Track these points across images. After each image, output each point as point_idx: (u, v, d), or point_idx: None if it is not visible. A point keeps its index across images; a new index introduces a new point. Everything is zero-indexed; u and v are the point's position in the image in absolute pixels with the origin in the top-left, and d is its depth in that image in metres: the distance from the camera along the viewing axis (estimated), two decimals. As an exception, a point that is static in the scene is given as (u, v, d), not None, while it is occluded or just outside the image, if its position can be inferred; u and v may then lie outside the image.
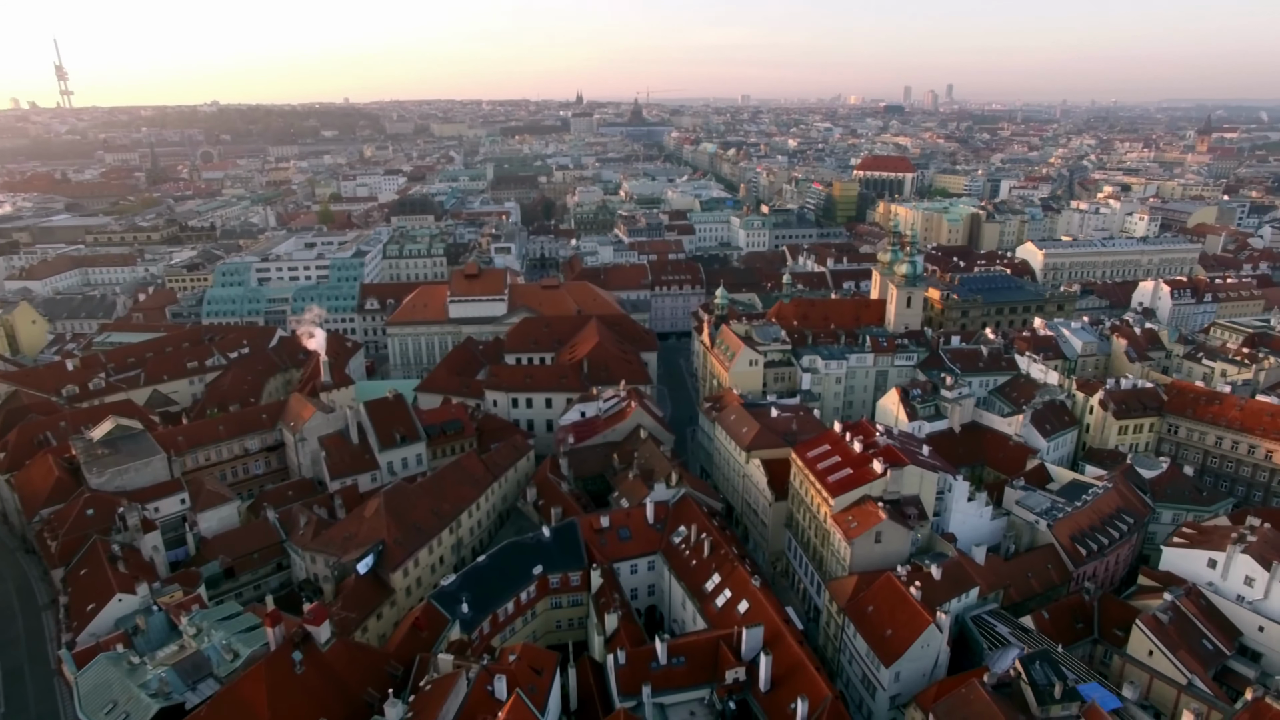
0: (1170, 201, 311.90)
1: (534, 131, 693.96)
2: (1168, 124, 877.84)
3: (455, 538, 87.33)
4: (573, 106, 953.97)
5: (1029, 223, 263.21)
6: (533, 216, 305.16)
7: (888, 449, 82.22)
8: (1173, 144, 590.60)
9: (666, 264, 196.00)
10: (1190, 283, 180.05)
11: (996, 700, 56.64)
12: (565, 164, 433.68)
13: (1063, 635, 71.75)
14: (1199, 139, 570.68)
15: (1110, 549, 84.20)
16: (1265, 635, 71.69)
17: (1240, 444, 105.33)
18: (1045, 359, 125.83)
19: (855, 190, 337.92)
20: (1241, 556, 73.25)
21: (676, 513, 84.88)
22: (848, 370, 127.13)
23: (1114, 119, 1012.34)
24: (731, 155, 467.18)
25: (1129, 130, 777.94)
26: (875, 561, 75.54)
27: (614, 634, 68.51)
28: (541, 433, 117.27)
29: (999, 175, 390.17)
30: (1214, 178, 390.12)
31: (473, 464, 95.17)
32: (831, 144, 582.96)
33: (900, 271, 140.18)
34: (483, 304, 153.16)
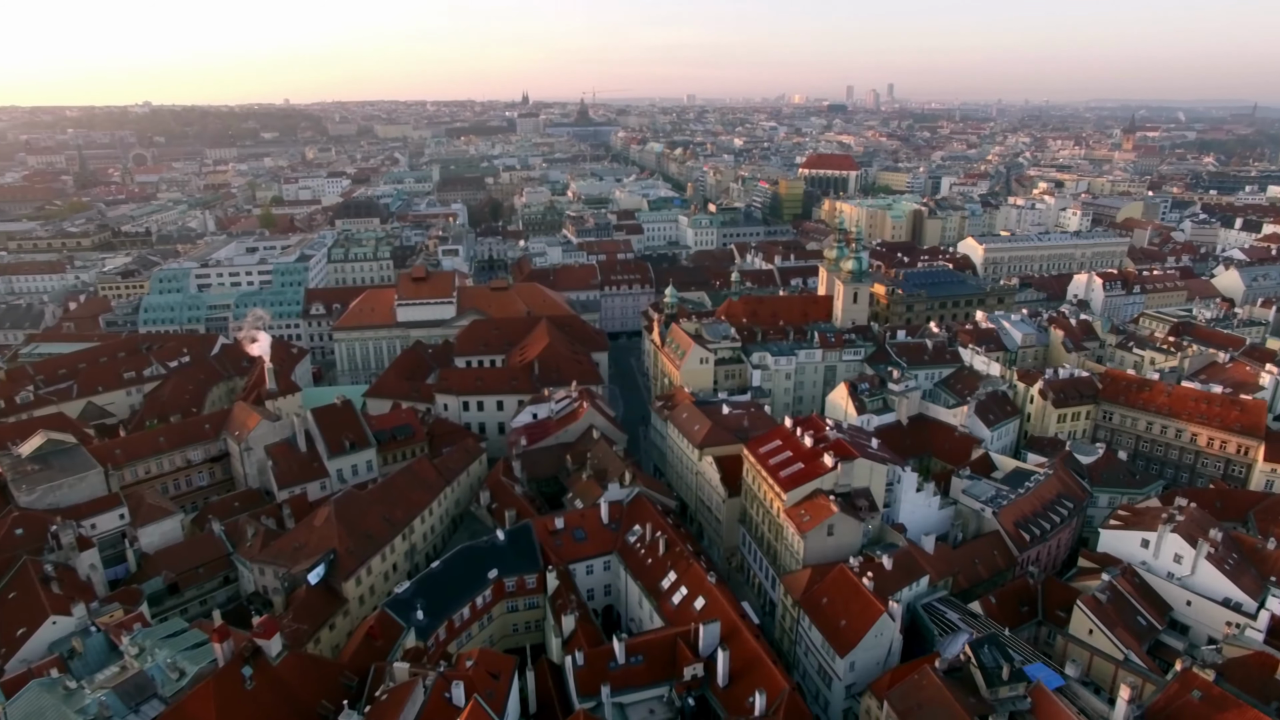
0: (1100, 197, 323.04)
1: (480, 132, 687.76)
2: (1096, 123, 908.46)
3: (408, 544, 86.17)
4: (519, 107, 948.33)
5: (969, 218, 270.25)
6: (480, 218, 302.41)
7: (838, 443, 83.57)
8: (1101, 142, 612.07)
9: (615, 264, 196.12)
10: (1120, 275, 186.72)
11: (948, 685, 58.08)
12: (512, 165, 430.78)
13: (1009, 619, 73.83)
14: (1124, 137, 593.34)
15: (1052, 533, 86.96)
16: (1193, 609, 74.89)
17: (1169, 428, 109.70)
18: (987, 351, 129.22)
19: (801, 188, 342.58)
20: (1171, 536, 76.31)
21: (631, 512, 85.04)
22: (797, 366, 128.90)
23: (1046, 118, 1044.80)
24: (678, 155, 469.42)
25: (1060, 129, 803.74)
26: (828, 554, 76.73)
27: (571, 635, 68.38)
28: (493, 435, 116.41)
29: (939, 172, 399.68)
30: (1139, 174, 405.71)
31: (424, 469, 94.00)
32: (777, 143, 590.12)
33: (846, 268, 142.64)
34: (431, 307, 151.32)
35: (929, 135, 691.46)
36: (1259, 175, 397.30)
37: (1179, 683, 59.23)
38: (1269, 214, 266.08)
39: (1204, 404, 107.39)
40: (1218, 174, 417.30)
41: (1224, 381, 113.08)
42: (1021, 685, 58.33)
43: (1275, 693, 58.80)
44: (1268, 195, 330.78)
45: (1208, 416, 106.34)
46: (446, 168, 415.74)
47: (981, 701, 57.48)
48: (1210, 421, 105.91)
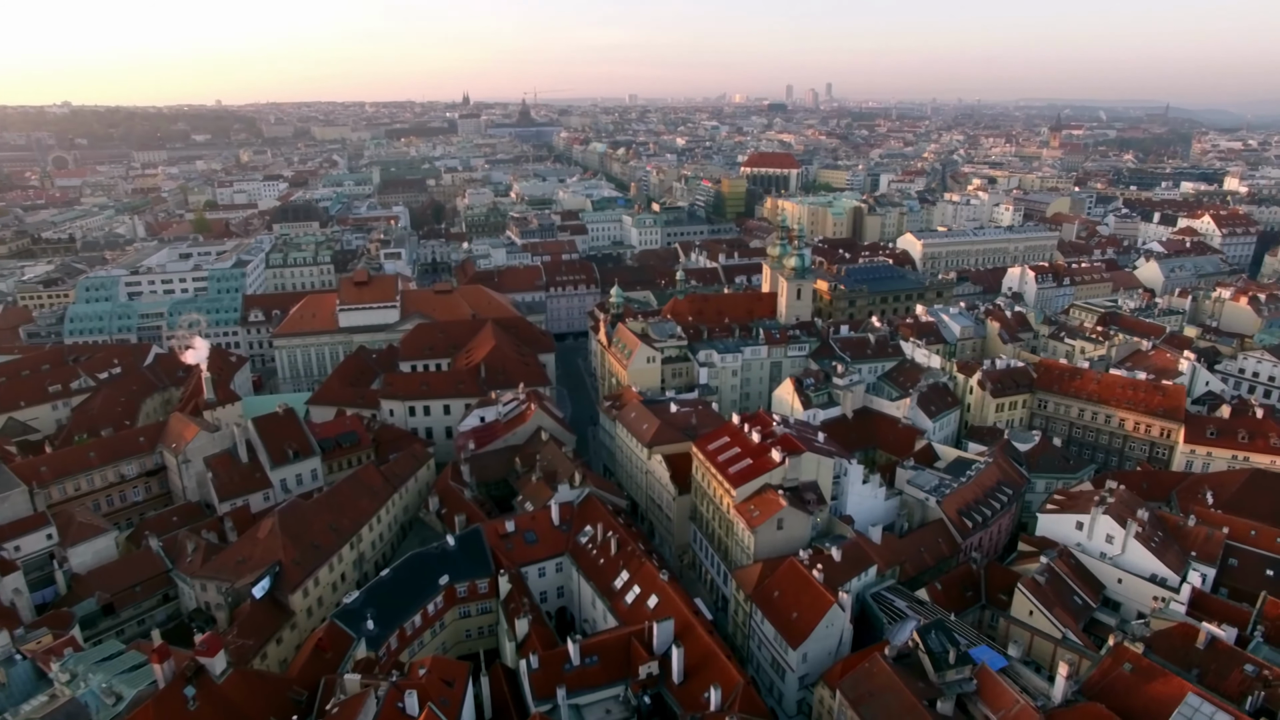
0: (1030, 193, 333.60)
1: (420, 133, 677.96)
2: (1025, 121, 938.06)
3: (356, 553, 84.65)
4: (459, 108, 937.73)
5: (907, 215, 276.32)
6: (422, 220, 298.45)
7: (785, 438, 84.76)
8: (1030, 140, 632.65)
9: (560, 264, 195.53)
10: (1051, 268, 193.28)
11: (897, 671, 59.50)
12: (454, 166, 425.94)
13: (954, 604, 75.92)
14: (1052, 136, 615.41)
15: (993, 520, 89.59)
16: (1124, 586, 78.08)
17: (1099, 414, 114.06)
18: (928, 344, 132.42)
19: (743, 187, 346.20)
20: (1103, 517, 79.43)
21: (582, 513, 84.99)
22: (743, 363, 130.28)
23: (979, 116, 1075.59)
24: (621, 154, 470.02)
25: (992, 127, 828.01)
26: (778, 548, 77.82)
27: (525, 639, 68.04)
28: (441, 440, 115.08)
29: (878, 170, 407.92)
30: (1066, 171, 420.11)
31: (371, 476, 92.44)
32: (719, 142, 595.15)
33: (789, 265, 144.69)
34: (374, 311, 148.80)
35: (867, 133, 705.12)
36: (1173, 172, 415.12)
37: (1112, 657, 61.83)
38: (1183, 208, 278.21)
39: (1130, 390, 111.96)
40: (1137, 170, 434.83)
41: (1147, 368, 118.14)
42: (967, 668, 60.12)
43: (1196, 661, 62.00)
44: (1181, 191, 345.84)
45: (1133, 402, 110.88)
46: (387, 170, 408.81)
47: (930, 685, 59.04)
48: (1136, 407, 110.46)
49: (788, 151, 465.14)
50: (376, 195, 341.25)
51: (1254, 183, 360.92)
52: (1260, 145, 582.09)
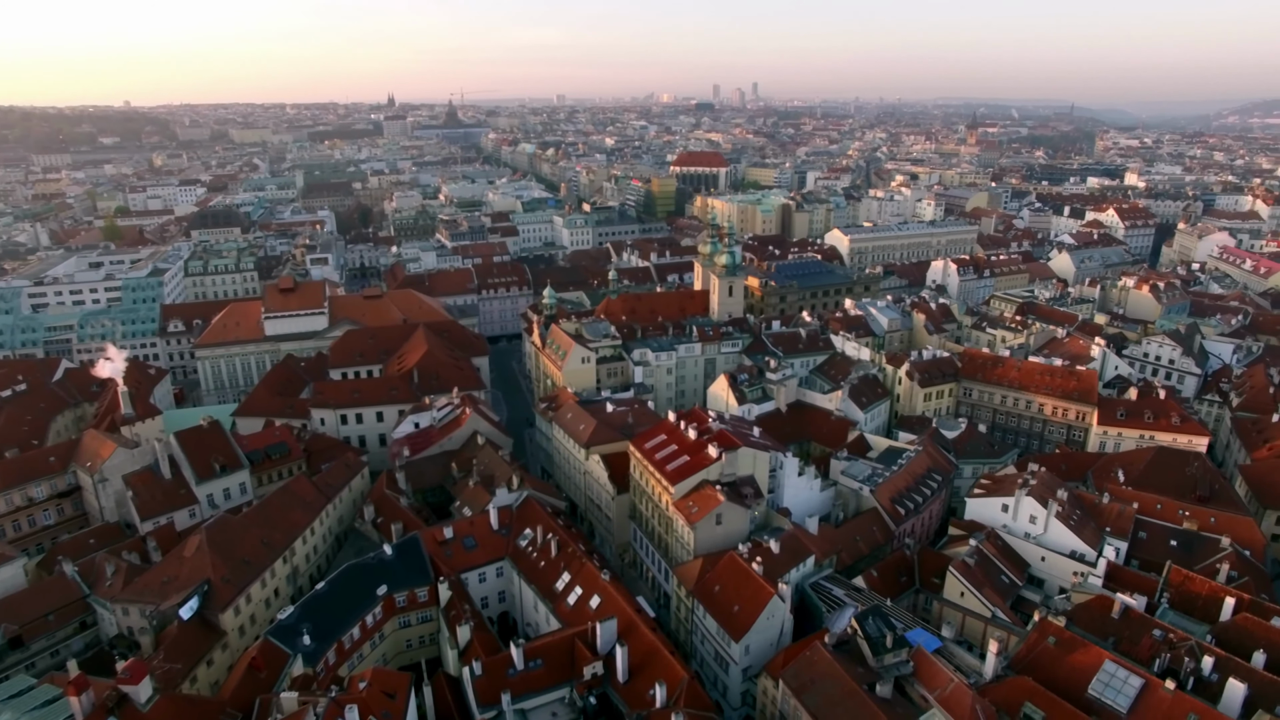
0: (951, 188, 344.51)
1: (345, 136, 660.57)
2: (943, 119, 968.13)
3: (290, 567, 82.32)
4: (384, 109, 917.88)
5: (834, 211, 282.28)
6: (349, 225, 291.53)
7: (721, 433, 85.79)
8: (949, 137, 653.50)
9: (492, 267, 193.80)
10: (972, 260, 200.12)
11: (837, 658, 60.91)
12: (380, 169, 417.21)
13: (890, 589, 78.10)
14: (969, 133, 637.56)
15: (924, 506, 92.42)
16: (1046, 564, 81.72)
17: (1020, 400, 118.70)
18: (857, 337, 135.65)
19: (673, 186, 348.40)
20: (1026, 499, 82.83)
21: (521, 516, 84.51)
22: (677, 361, 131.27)
23: (900, 114, 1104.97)
24: (551, 155, 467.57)
25: (912, 125, 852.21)
26: (718, 542, 78.74)
27: (468, 646, 67.33)
28: (375, 448, 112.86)
29: (805, 167, 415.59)
30: (983, 167, 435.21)
31: (303, 487, 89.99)
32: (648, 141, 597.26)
33: (720, 262, 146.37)
34: (301, 318, 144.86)
35: (793, 132, 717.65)
36: (1080, 168, 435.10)
37: (1037, 632, 64.64)
38: (1089, 202, 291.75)
39: (1047, 376, 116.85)
40: (1047, 166, 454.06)
41: (1062, 355, 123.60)
42: (904, 651, 61.91)
43: (1112, 629, 65.47)
44: (1088, 186, 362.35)
45: (1051, 388, 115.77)
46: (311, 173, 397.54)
47: (869, 670, 60.60)
48: (1053, 392, 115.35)
49: (716, 150, 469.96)
50: (301, 199, 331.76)
51: (1150, 178, 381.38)
52: (1154, 143, 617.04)
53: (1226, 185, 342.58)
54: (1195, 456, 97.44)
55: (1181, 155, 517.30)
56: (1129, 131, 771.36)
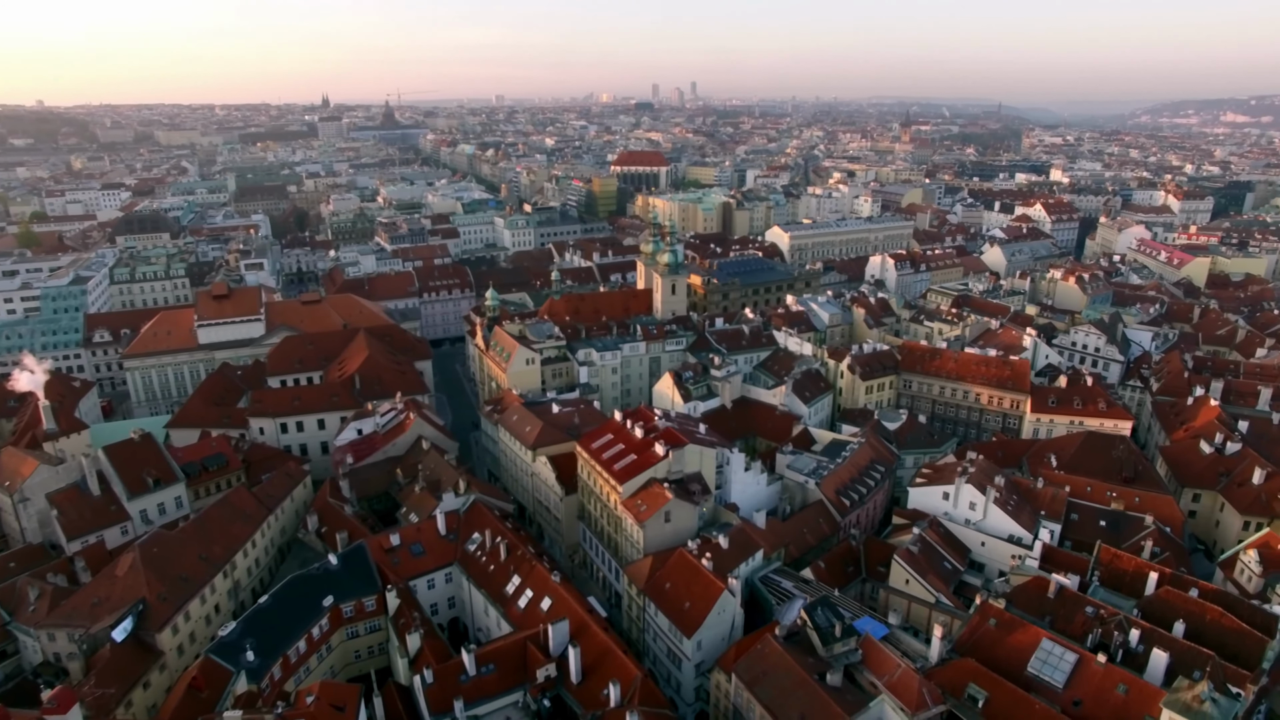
0: (886, 185, 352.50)
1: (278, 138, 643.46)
2: (878, 117, 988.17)
3: (231, 582, 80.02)
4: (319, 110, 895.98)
5: (774, 208, 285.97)
6: (285, 229, 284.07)
7: (667, 431, 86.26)
8: (883, 135, 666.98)
9: (433, 269, 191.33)
10: (908, 255, 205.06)
11: (788, 650, 61.91)
12: (316, 171, 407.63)
13: (837, 580, 79.55)
14: (902, 131, 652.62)
15: (868, 497, 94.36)
16: (986, 549, 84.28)
17: (957, 391, 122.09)
18: (799, 332, 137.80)
19: (614, 185, 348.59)
20: (966, 487, 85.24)
21: (469, 520, 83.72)
22: (622, 360, 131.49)
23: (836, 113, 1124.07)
24: (490, 156, 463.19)
25: (848, 123, 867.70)
26: (667, 540, 79.17)
27: (418, 654, 66.47)
28: (317, 456, 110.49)
29: (744, 166, 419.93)
30: (917, 164, 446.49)
31: (243, 499, 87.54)
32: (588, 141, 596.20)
33: (663, 261, 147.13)
34: (237, 326, 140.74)
35: (732, 131, 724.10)
36: (1008, 164, 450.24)
37: (979, 615, 66.70)
38: (1018, 198, 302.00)
39: (983, 367, 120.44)
40: (978, 163, 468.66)
41: (996, 345, 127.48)
42: (853, 639, 63.30)
43: (1048, 609, 67.99)
44: (1016, 182, 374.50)
45: (986, 378, 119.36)
46: (243, 176, 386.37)
47: (820, 660, 61.78)
48: (989, 382, 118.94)
49: (656, 150, 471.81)
50: (233, 203, 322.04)
51: (1074, 174, 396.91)
52: (1076, 141, 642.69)
53: (1142, 181, 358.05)
54: (1120, 440, 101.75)
55: (1101, 152, 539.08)
56: (1053, 130, 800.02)
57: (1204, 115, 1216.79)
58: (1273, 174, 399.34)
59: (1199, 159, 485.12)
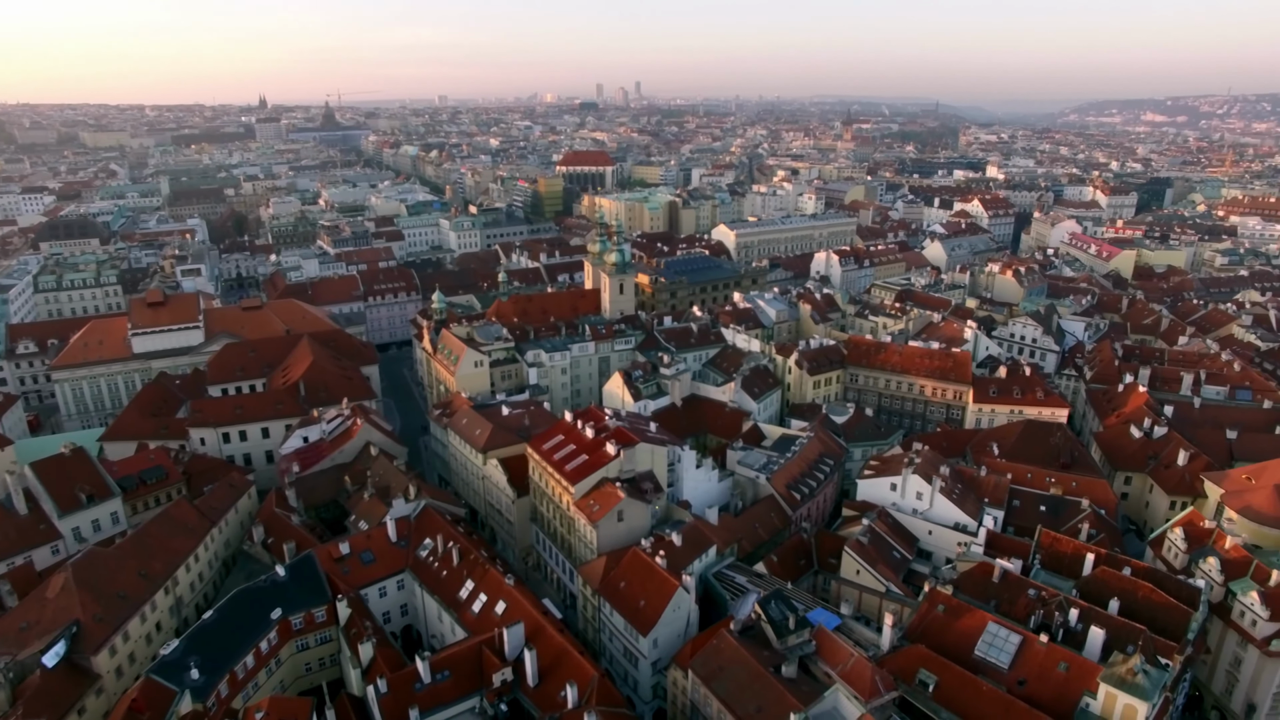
0: (829, 183, 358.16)
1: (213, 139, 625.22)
2: (820, 116, 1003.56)
3: (172, 598, 77.57)
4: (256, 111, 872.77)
5: (720, 206, 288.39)
6: (223, 233, 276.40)
7: (618, 430, 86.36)
8: (825, 133, 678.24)
9: (378, 273, 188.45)
10: (852, 251, 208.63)
11: (743, 644, 62.60)
12: (255, 174, 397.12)
13: (790, 573, 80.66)
14: (844, 129, 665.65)
15: (818, 490, 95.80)
16: (933, 537, 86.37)
17: (902, 383, 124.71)
18: (747, 329, 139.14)
19: (560, 185, 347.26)
20: (913, 477, 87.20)
21: (420, 526, 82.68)
22: (571, 360, 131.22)
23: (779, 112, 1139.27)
24: (434, 157, 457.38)
25: (791, 122, 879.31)
26: (620, 539, 79.28)
27: (371, 663, 65.38)
28: (261, 466, 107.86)
29: (689, 164, 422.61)
30: (859, 161, 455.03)
31: (184, 512, 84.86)
32: (533, 141, 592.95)
33: (610, 260, 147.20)
34: (174, 334, 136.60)
35: (677, 130, 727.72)
36: (946, 161, 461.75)
37: (928, 602, 68.35)
38: (956, 194, 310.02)
39: (926, 360, 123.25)
40: (917, 160, 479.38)
41: (939, 338, 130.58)
42: (806, 631, 64.29)
43: (993, 593, 70.16)
44: (954, 178, 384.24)
45: (930, 370, 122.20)
46: (177, 179, 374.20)
47: (774, 653, 62.62)
48: (932, 374, 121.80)
49: (602, 149, 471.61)
50: (167, 207, 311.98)
51: (1008, 170, 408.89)
52: (1010, 138, 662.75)
53: (1072, 177, 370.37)
54: (1058, 427, 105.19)
55: (1033, 149, 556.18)
56: (988, 128, 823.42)
57: (1126, 114, 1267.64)
58: (1189, 171, 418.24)
59: (1123, 156, 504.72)
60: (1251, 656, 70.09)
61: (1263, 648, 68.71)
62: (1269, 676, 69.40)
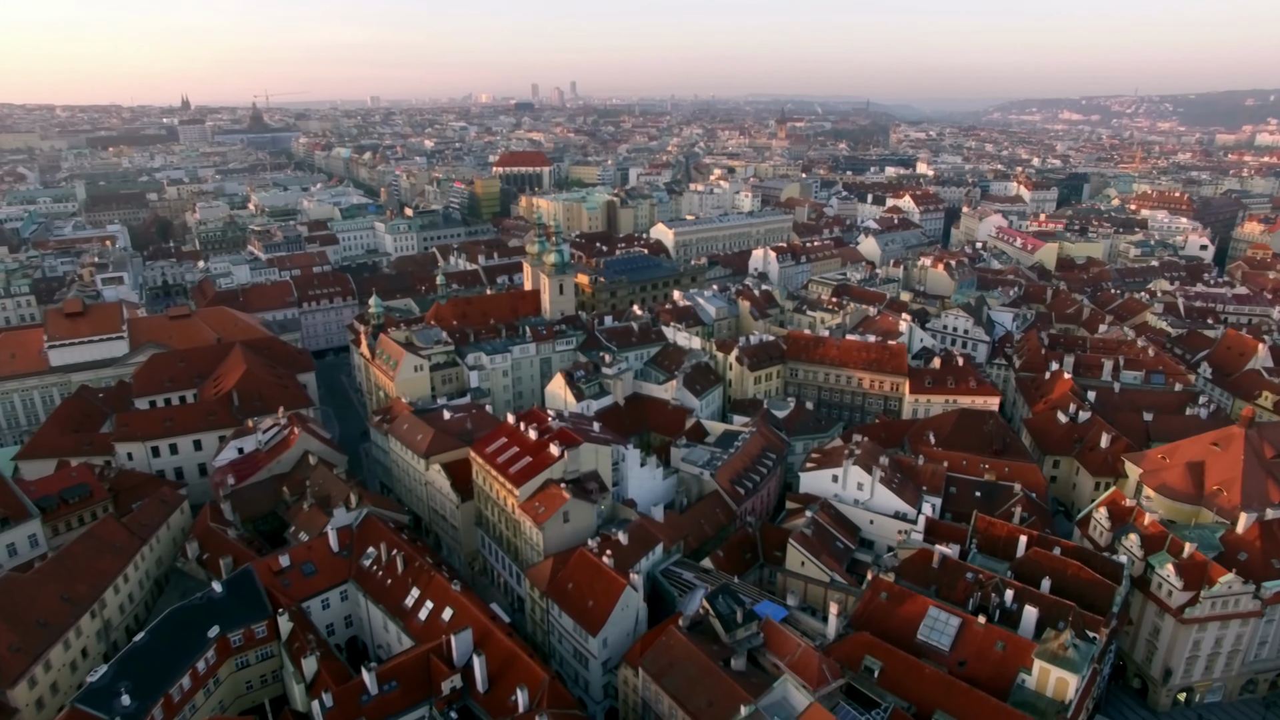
0: (765, 180, 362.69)
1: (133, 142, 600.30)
2: (755, 115, 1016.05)
3: (100, 622, 74.52)
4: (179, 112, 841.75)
5: (658, 205, 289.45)
6: (146, 239, 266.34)
7: (561, 431, 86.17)
8: (760, 131, 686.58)
9: (312, 278, 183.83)
10: (789, 248, 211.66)
11: (692, 639, 63.11)
12: (179, 178, 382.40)
13: (736, 567, 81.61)
14: (779, 127, 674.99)
15: (762, 484, 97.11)
16: (874, 526, 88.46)
17: (841, 377, 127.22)
18: (687, 327, 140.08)
19: (497, 186, 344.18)
20: (853, 468, 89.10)
21: (362, 535, 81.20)
22: (513, 362, 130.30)
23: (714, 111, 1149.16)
24: (368, 159, 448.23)
25: (727, 120, 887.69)
26: (567, 540, 79.12)
27: (315, 678, 63.96)
28: (195, 479, 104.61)
29: (626, 164, 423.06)
30: (793, 159, 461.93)
31: (111, 531, 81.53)
32: (468, 143, 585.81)
33: (549, 261, 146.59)
34: (95, 345, 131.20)
35: (613, 129, 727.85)
36: (878, 158, 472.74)
37: (871, 590, 69.94)
38: (888, 190, 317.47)
39: (863, 353, 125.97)
40: (850, 157, 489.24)
41: (875, 332, 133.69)
42: (754, 624, 65.13)
43: (933, 578, 72.33)
44: (886, 175, 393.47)
45: (867, 363, 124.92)
46: (95, 184, 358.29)
47: (723, 647, 63.28)
48: (870, 367, 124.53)
49: (538, 150, 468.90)
50: (84, 213, 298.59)
51: (937, 167, 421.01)
52: (938, 136, 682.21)
53: (997, 173, 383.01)
54: (990, 415, 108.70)
55: (960, 146, 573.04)
56: (917, 125, 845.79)
57: (1045, 113, 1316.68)
58: (1104, 167, 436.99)
59: (1044, 153, 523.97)
60: (1168, 625, 74.12)
61: (1177, 616, 72.75)
62: (1183, 642, 73.72)
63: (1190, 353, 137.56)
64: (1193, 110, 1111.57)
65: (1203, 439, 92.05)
